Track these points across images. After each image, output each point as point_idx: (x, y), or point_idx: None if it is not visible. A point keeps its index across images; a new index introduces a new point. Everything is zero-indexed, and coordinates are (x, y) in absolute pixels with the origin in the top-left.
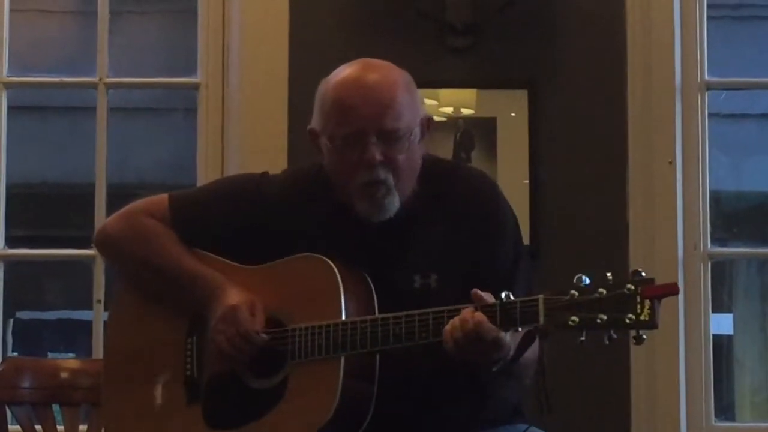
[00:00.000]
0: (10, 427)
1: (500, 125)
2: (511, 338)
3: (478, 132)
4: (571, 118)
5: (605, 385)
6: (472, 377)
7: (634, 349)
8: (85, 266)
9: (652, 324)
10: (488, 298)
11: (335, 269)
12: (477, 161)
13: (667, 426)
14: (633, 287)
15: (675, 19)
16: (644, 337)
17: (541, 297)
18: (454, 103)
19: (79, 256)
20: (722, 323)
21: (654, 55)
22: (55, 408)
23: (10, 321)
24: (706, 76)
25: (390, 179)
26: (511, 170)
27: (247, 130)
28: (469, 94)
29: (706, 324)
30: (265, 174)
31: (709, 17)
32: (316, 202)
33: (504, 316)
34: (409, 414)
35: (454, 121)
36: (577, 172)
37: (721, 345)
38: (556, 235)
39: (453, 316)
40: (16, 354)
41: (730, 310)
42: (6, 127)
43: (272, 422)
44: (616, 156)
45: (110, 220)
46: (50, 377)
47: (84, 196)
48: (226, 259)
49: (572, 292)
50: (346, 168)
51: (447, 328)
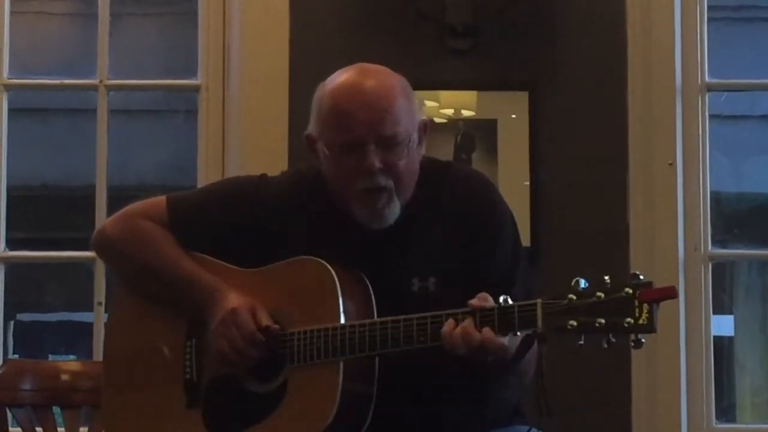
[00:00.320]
0: (11, 429)
1: (501, 127)
2: (510, 341)
3: (479, 133)
4: (571, 119)
5: (606, 387)
6: (471, 379)
7: (635, 350)
8: (85, 268)
9: (650, 328)
10: (488, 301)
11: (333, 272)
12: (477, 163)
13: (668, 427)
14: (631, 291)
15: (675, 21)
16: (643, 341)
17: (539, 301)
18: (454, 104)
19: (80, 258)
20: (723, 325)
21: (654, 57)
22: (56, 410)
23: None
24: (707, 78)
25: (390, 185)
26: (512, 171)
27: (247, 132)
28: (469, 96)
29: (706, 325)
30: (264, 176)
31: (709, 18)
32: (314, 204)
33: (502, 321)
34: (408, 416)
35: (455, 122)
36: (577, 174)
37: (722, 346)
38: (557, 237)
39: (452, 320)
40: (16, 356)
41: (730, 312)
42: (6, 129)
43: (272, 426)
44: (617, 157)
45: (108, 222)
46: (51, 379)
47: (84, 198)
48: (224, 262)
49: (570, 296)
50: (345, 175)
51: (445, 330)
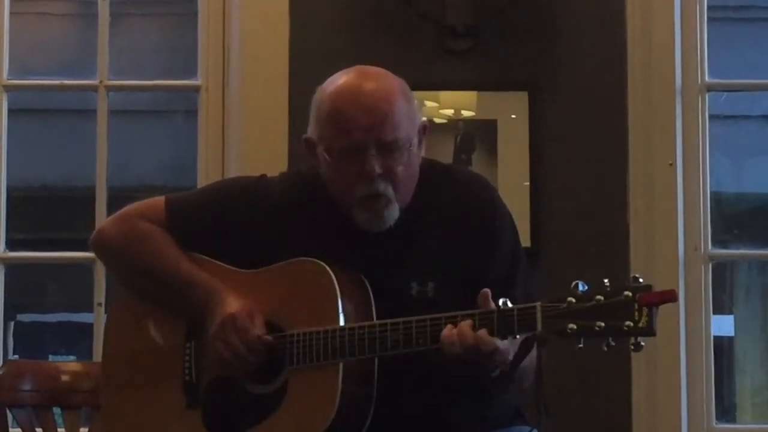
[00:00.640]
0: (11, 430)
1: (501, 127)
2: (510, 344)
3: (479, 134)
4: (571, 119)
5: (606, 387)
6: (471, 380)
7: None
8: (85, 269)
9: (650, 331)
10: (489, 299)
11: (332, 273)
12: (477, 163)
13: (668, 428)
14: (630, 294)
15: (675, 21)
16: (642, 344)
17: (538, 304)
18: (454, 105)
19: (80, 258)
20: (723, 325)
21: (654, 57)
22: (56, 411)
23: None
24: (707, 78)
25: (389, 191)
26: (512, 172)
27: (247, 133)
28: (469, 96)
29: (707, 326)
30: (263, 176)
31: (709, 18)
32: (314, 205)
33: (502, 324)
34: (408, 418)
35: (455, 123)
36: (577, 174)
37: (722, 347)
38: (557, 237)
39: (451, 323)
40: (16, 357)
41: (731, 312)
42: (6, 130)
43: (272, 427)
44: (617, 158)
45: (106, 223)
46: (51, 380)
47: (85, 199)
48: (223, 263)
49: (570, 299)
50: (345, 180)
51: (444, 334)
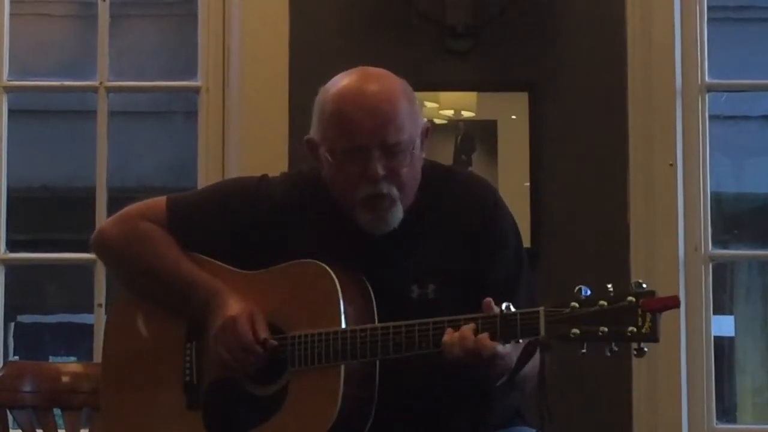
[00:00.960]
0: (11, 431)
1: (501, 128)
2: (512, 349)
3: (479, 134)
4: (571, 120)
5: (606, 387)
6: (472, 383)
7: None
8: (86, 270)
9: (653, 337)
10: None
11: (333, 275)
12: (477, 164)
13: (669, 428)
14: (634, 299)
15: (675, 21)
16: (646, 350)
17: (541, 309)
18: (454, 105)
19: (80, 259)
20: (723, 325)
21: (654, 58)
22: (57, 412)
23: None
24: (707, 78)
25: (393, 192)
26: (512, 173)
27: (247, 133)
28: (469, 97)
29: (707, 326)
30: (265, 177)
31: (709, 19)
32: (316, 206)
33: (505, 328)
34: (409, 420)
35: (455, 123)
36: (577, 175)
37: (723, 347)
38: (557, 238)
39: (453, 326)
40: (17, 358)
41: (731, 312)
42: (7, 131)
43: (273, 429)
44: (617, 158)
45: (107, 223)
46: (51, 381)
47: (85, 200)
48: (224, 263)
49: (573, 304)
50: (348, 181)
51: (446, 339)
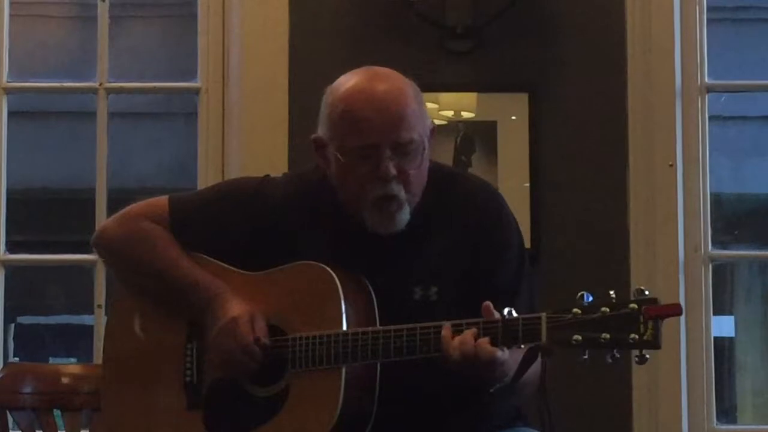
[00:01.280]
0: None
1: (500, 128)
2: (514, 356)
3: (479, 135)
4: (571, 121)
5: (606, 387)
6: (473, 386)
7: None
8: (86, 271)
9: (655, 344)
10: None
11: (335, 277)
12: (477, 165)
13: (669, 429)
14: (636, 306)
15: (675, 22)
16: (647, 357)
17: (543, 315)
18: (454, 106)
19: (80, 261)
20: (723, 326)
21: (654, 58)
22: (57, 413)
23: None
24: (707, 79)
25: (402, 193)
26: (512, 173)
27: (247, 135)
28: (469, 98)
29: (707, 326)
30: (267, 177)
31: (708, 20)
32: (318, 207)
33: (506, 334)
34: (410, 422)
35: (455, 124)
36: (577, 175)
37: (723, 347)
38: (557, 238)
39: (455, 331)
40: (17, 359)
41: (731, 313)
42: (6, 133)
43: (273, 431)
44: (617, 159)
45: (109, 222)
46: (51, 382)
47: (85, 201)
48: (226, 264)
49: (575, 310)
50: (358, 180)
51: (445, 342)
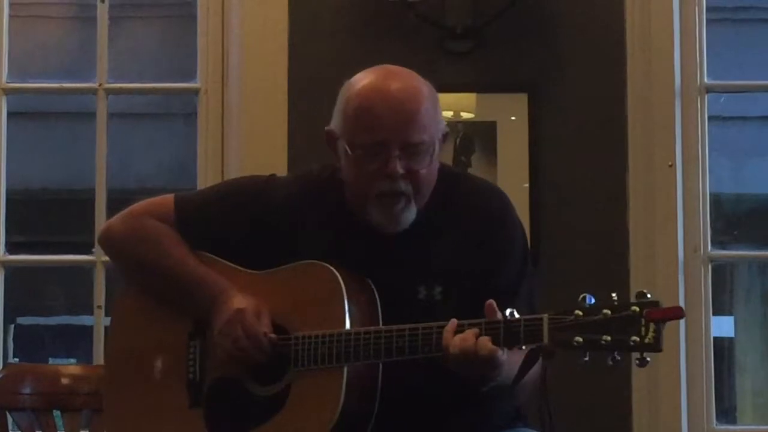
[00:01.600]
0: None
1: (500, 129)
2: (513, 358)
3: (478, 136)
4: (571, 121)
5: (606, 388)
6: (473, 387)
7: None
8: (85, 272)
9: (656, 347)
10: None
11: (339, 277)
12: (477, 165)
13: (669, 429)
14: (638, 309)
15: (674, 23)
16: (648, 359)
17: (545, 316)
18: (453, 107)
19: (80, 261)
20: (723, 326)
21: (654, 59)
22: (56, 414)
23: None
24: (706, 79)
25: (410, 191)
26: (512, 173)
27: (247, 135)
28: (468, 98)
29: (707, 327)
30: (273, 176)
31: (708, 20)
32: (324, 206)
33: (508, 334)
34: (411, 422)
35: (454, 125)
36: (577, 175)
37: (722, 348)
38: (557, 239)
39: (457, 331)
40: (17, 360)
41: (731, 313)
42: (6, 133)
43: (274, 429)
44: (616, 159)
45: (114, 219)
46: (51, 383)
47: (84, 202)
48: (230, 262)
49: (576, 311)
50: (365, 176)
51: (446, 340)
